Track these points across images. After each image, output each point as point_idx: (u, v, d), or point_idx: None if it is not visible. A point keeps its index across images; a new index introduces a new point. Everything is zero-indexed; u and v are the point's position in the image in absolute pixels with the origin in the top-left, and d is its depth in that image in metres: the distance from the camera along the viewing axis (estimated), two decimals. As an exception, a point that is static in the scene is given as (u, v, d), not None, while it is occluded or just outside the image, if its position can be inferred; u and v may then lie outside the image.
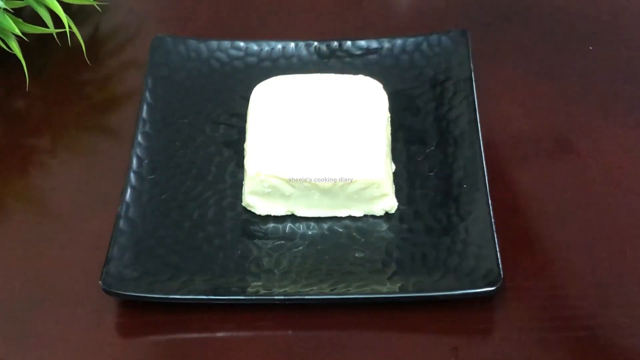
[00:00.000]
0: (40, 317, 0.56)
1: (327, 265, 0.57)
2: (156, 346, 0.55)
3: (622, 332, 0.54)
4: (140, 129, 0.63)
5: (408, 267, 0.57)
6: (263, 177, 0.58)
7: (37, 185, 0.65)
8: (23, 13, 0.72)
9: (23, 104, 0.70)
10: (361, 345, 0.54)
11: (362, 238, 0.58)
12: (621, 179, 0.62)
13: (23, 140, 0.67)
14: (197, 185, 0.61)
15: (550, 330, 0.54)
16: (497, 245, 0.56)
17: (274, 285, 0.56)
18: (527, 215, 0.60)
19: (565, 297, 0.56)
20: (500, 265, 0.55)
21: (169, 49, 0.69)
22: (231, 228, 0.59)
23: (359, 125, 0.59)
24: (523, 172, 0.63)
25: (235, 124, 0.64)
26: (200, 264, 0.57)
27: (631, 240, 0.59)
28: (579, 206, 0.60)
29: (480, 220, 0.57)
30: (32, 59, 0.69)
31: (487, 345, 0.54)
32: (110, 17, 0.75)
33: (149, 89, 0.66)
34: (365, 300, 0.55)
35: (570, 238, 0.59)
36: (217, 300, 0.55)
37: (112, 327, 0.55)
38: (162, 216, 0.59)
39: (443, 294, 0.55)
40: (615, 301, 0.56)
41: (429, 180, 0.61)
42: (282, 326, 0.55)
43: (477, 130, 0.62)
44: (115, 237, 0.57)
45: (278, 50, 0.69)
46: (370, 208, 0.59)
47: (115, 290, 0.55)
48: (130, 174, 0.61)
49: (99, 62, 0.72)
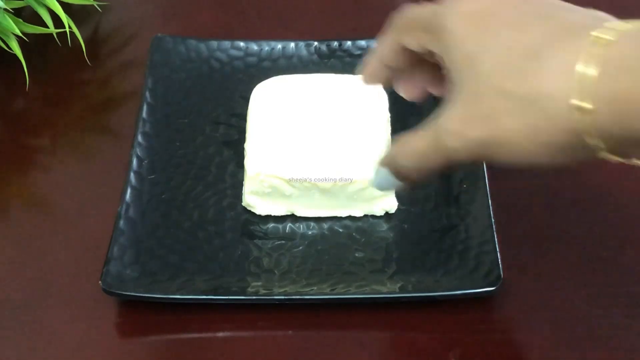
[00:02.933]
0: (40, 317, 0.56)
1: (327, 265, 0.57)
2: (156, 346, 0.55)
3: (622, 332, 0.54)
4: (140, 129, 0.63)
5: (408, 267, 0.57)
6: (263, 177, 0.58)
7: (37, 185, 0.65)
8: (23, 13, 0.72)
9: (23, 104, 0.70)
10: (361, 345, 0.54)
11: (362, 238, 0.58)
12: (621, 178, 0.62)
13: (23, 140, 0.67)
14: (197, 185, 0.61)
15: (550, 330, 0.54)
16: (497, 245, 0.56)
17: (274, 285, 0.56)
18: (527, 215, 0.60)
19: (565, 298, 0.56)
20: (500, 265, 0.55)
21: (169, 49, 0.69)
22: (231, 228, 0.59)
23: (359, 125, 0.59)
24: (523, 172, 0.63)
25: (235, 124, 0.64)
26: (200, 264, 0.57)
27: (631, 240, 0.59)
28: (579, 206, 0.60)
29: (480, 220, 0.57)
30: (32, 59, 0.69)
31: (487, 345, 0.54)
32: (110, 17, 0.75)
33: (149, 89, 0.66)
34: (365, 300, 0.55)
35: (571, 238, 0.59)
36: (217, 300, 0.55)
37: (112, 327, 0.55)
38: (162, 216, 0.59)
39: (443, 294, 0.55)
40: (615, 301, 0.56)
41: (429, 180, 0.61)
42: (282, 326, 0.55)
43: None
44: (115, 237, 0.57)
45: (278, 50, 0.69)
46: (370, 208, 0.59)
47: (115, 290, 0.55)
48: (130, 174, 0.61)
49: (99, 62, 0.72)
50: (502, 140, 0.41)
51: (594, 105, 0.37)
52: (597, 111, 0.37)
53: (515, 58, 0.41)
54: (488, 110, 0.41)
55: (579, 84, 0.37)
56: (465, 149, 0.43)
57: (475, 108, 0.42)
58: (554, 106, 0.39)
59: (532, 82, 0.40)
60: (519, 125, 0.40)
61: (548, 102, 0.39)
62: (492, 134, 0.42)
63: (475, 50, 0.42)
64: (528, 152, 0.41)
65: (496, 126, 0.41)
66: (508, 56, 0.41)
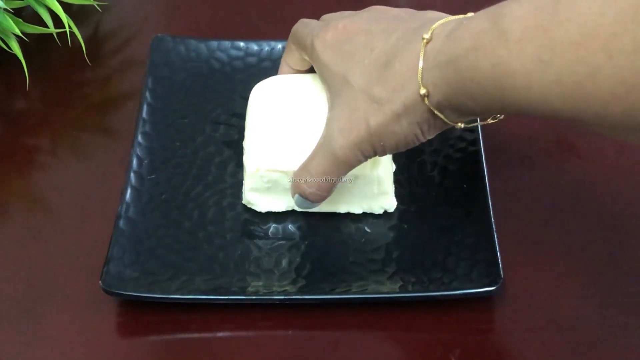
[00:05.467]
0: (40, 317, 0.56)
1: (327, 265, 0.57)
2: (156, 346, 0.55)
3: (622, 332, 0.54)
4: (140, 129, 0.63)
5: (408, 267, 0.57)
6: (262, 172, 0.58)
7: (37, 185, 0.65)
8: (23, 13, 0.72)
9: (23, 104, 0.70)
10: (361, 345, 0.54)
11: (362, 238, 0.58)
12: (621, 178, 0.62)
13: (23, 140, 0.67)
14: (197, 185, 0.61)
15: (550, 330, 0.54)
16: (497, 245, 0.56)
17: (274, 285, 0.56)
18: (527, 215, 0.60)
19: (565, 297, 0.56)
20: (500, 265, 0.55)
21: (169, 49, 0.69)
22: (231, 228, 0.59)
23: None
24: (523, 172, 0.63)
25: (235, 124, 0.64)
26: (200, 264, 0.57)
27: (631, 240, 0.59)
28: (579, 206, 0.60)
29: (480, 220, 0.58)
30: (32, 59, 0.69)
31: (487, 345, 0.54)
32: (110, 17, 0.75)
33: (149, 89, 0.66)
34: (365, 300, 0.55)
35: (570, 238, 0.59)
36: (217, 300, 0.55)
37: (112, 327, 0.55)
38: (162, 216, 0.59)
39: (443, 294, 0.55)
40: (615, 301, 0.56)
41: (429, 180, 0.61)
42: (282, 326, 0.55)
43: (477, 130, 0.62)
44: (115, 237, 0.57)
45: (278, 50, 0.69)
46: (370, 205, 0.59)
47: (115, 290, 0.55)
48: (130, 174, 0.61)
49: (99, 62, 0.72)
50: (381, 131, 0.52)
51: (427, 90, 0.49)
52: (431, 93, 0.49)
53: (374, 70, 0.52)
54: (365, 113, 0.52)
55: (419, 75, 0.49)
56: (354, 152, 0.53)
57: (354, 116, 0.52)
58: (410, 95, 0.50)
59: (391, 84, 0.51)
60: (391, 115, 0.51)
61: (404, 93, 0.50)
62: (370, 131, 0.52)
63: (344, 71, 0.53)
64: (404, 135, 0.52)
65: (374, 124, 0.52)
66: (369, 70, 0.52)
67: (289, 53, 0.61)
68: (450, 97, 0.49)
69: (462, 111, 0.50)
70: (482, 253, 0.56)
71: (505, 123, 0.54)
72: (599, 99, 0.42)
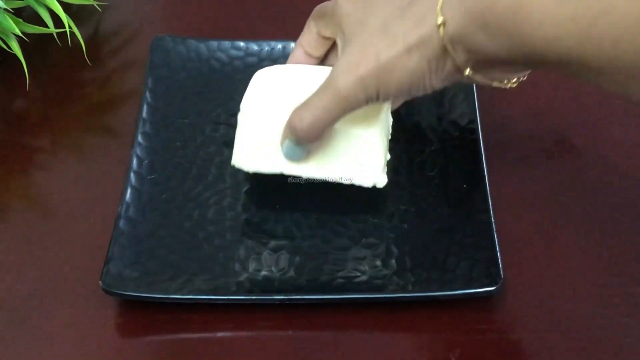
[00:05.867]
0: (40, 317, 0.56)
1: (327, 265, 0.57)
2: (156, 346, 0.55)
3: (622, 332, 0.54)
4: (140, 129, 0.63)
5: (408, 267, 0.57)
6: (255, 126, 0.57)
7: (37, 185, 0.65)
8: (23, 13, 0.72)
9: (23, 104, 0.70)
10: (361, 345, 0.54)
11: (362, 238, 0.58)
12: (621, 178, 0.62)
13: (23, 140, 0.67)
14: (197, 185, 0.61)
15: (550, 331, 0.54)
16: (497, 245, 0.56)
17: (274, 285, 0.56)
18: (527, 215, 0.60)
19: (565, 297, 0.56)
20: (500, 265, 0.55)
21: (169, 49, 0.69)
22: (231, 228, 0.59)
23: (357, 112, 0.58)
24: (523, 172, 0.63)
25: (235, 124, 0.64)
26: (200, 264, 0.57)
27: (631, 240, 0.59)
28: (578, 206, 0.60)
29: (480, 220, 0.58)
30: (32, 59, 0.69)
31: (487, 345, 0.54)
32: (110, 17, 0.75)
33: (149, 89, 0.66)
34: (365, 300, 0.55)
35: (570, 238, 0.59)
36: (217, 300, 0.55)
37: (112, 327, 0.55)
38: (162, 216, 0.59)
39: (443, 294, 0.55)
40: (615, 301, 0.56)
41: (430, 180, 0.61)
42: (282, 326, 0.55)
43: (477, 130, 0.62)
44: (115, 237, 0.57)
45: (278, 50, 0.69)
46: (360, 168, 0.57)
47: (115, 290, 0.55)
48: (130, 174, 0.61)
49: (99, 62, 0.72)
50: (390, 66, 0.52)
51: (444, 19, 0.50)
52: (447, 23, 0.49)
53: (396, 9, 0.52)
54: (376, 48, 0.52)
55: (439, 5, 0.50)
56: (357, 88, 0.52)
57: (364, 50, 0.52)
58: (427, 27, 0.50)
59: (412, 20, 0.51)
60: (404, 47, 0.51)
61: (421, 27, 0.51)
62: (379, 64, 0.52)
63: (363, 15, 0.54)
64: (411, 72, 0.52)
65: (385, 57, 0.51)
66: (390, 10, 0.53)
67: (306, 33, 0.60)
68: (466, 29, 0.49)
69: (473, 50, 0.50)
70: (482, 253, 0.56)
71: (505, 123, 0.54)
72: (611, 37, 0.43)
